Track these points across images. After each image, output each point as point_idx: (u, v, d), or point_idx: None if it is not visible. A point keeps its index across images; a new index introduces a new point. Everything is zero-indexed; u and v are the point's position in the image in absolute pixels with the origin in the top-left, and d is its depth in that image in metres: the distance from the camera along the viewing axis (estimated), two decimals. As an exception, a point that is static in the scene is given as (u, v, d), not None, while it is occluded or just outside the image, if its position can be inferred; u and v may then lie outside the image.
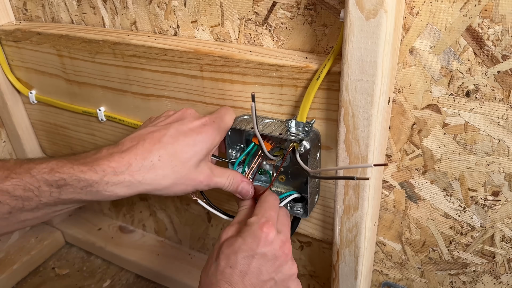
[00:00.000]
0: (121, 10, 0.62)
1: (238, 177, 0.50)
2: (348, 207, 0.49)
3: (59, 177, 0.40)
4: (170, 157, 0.43)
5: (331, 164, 0.52)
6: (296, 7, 0.48)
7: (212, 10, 0.54)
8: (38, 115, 0.78)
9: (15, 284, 0.84)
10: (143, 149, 0.43)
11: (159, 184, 0.43)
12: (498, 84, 0.42)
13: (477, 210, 0.49)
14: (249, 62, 0.50)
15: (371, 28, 0.38)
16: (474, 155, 0.46)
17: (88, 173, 0.40)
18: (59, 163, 0.40)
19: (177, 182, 0.44)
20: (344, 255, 0.53)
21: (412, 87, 0.46)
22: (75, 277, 0.85)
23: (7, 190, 0.39)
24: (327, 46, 0.49)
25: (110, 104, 0.67)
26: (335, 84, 0.45)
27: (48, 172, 0.40)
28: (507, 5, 0.38)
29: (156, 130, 0.45)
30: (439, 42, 0.42)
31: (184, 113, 0.49)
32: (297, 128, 0.48)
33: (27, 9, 0.72)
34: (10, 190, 0.39)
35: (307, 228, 0.59)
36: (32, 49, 0.69)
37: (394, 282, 0.61)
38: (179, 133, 0.45)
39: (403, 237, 0.56)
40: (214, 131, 0.47)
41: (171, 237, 0.86)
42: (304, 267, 0.70)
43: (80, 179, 0.40)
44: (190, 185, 0.45)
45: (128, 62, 0.60)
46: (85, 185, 0.40)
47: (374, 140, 0.44)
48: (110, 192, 0.41)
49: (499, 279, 0.52)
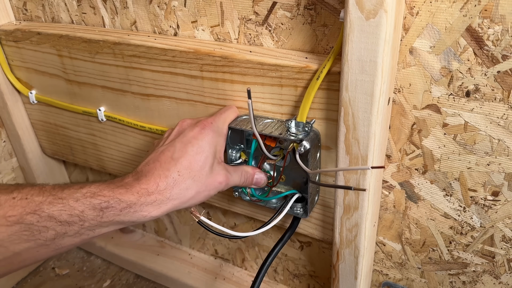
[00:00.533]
0: (121, 10, 0.62)
1: (250, 170, 0.52)
2: (348, 207, 0.49)
3: (101, 200, 0.42)
4: (187, 169, 0.45)
5: (331, 164, 0.52)
6: (296, 7, 0.48)
7: (212, 10, 0.54)
8: (38, 115, 0.78)
9: (15, 284, 0.84)
10: (162, 169, 0.45)
11: (184, 196, 0.45)
12: (498, 84, 0.42)
13: (477, 210, 0.49)
14: (249, 62, 0.50)
15: (371, 28, 0.38)
16: (474, 155, 0.46)
17: (126, 195, 0.42)
18: (98, 187, 0.43)
19: (199, 190, 0.46)
20: (344, 255, 0.53)
21: (412, 87, 0.46)
22: (75, 277, 0.85)
23: (54, 215, 0.40)
24: (327, 46, 0.49)
25: (110, 104, 0.67)
26: (335, 84, 0.45)
27: (91, 196, 0.41)
28: (507, 5, 0.38)
29: (165, 149, 0.47)
30: (439, 42, 0.42)
31: (181, 126, 0.51)
32: (297, 128, 0.48)
33: (27, 9, 0.72)
34: (56, 215, 0.40)
35: (307, 228, 0.59)
36: (32, 49, 0.69)
37: (394, 282, 0.61)
38: (185, 145, 0.47)
39: (403, 237, 0.56)
40: (214, 132, 0.49)
41: (171, 237, 0.86)
42: (304, 267, 0.70)
43: (121, 201, 0.42)
44: (212, 189, 0.47)
45: (128, 62, 0.60)
46: (124, 207, 0.42)
47: (374, 140, 0.44)
48: (146, 212, 0.43)
49: (499, 279, 0.52)
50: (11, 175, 0.85)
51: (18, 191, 0.40)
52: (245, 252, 0.76)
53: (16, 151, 0.84)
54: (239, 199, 0.62)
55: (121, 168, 0.73)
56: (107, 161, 0.75)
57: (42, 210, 0.40)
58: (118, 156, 0.72)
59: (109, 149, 0.73)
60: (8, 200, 0.39)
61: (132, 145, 0.69)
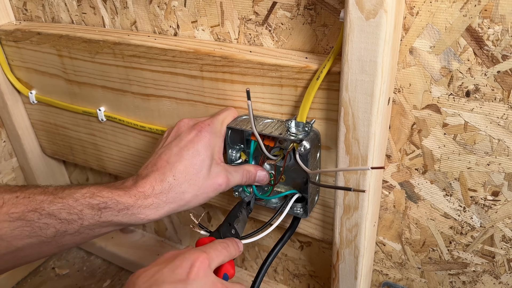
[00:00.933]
0: (121, 10, 0.62)
1: (252, 169, 0.52)
2: (348, 207, 0.49)
3: (100, 200, 0.43)
4: (182, 173, 0.46)
5: (331, 164, 0.52)
6: (296, 7, 0.48)
7: (212, 10, 0.54)
8: (38, 115, 0.78)
9: (15, 284, 0.84)
10: (158, 173, 0.46)
11: (181, 200, 0.46)
12: (498, 84, 0.42)
13: (477, 210, 0.49)
14: (249, 62, 0.50)
15: (371, 28, 0.38)
16: (474, 155, 0.46)
17: (124, 197, 0.44)
18: (98, 188, 0.44)
19: (197, 193, 0.47)
20: (344, 255, 0.53)
21: (412, 87, 0.46)
22: (75, 277, 0.85)
23: (53, 213, 0.42)
24: (327, 46, 0.49)
25: (110, 104, 0.67)
26: (335, 84, 0.45)
27: (90, 196, 0.43)
28: (507, 5, 0.38)
29: (162, 152, 0.48)
30: (439, 42, 0.42)
31: (179, 127, 0.51)
32: (297, 128, 0.48)
33: (27, 9, 0.72)
34: (56, 213, 0.42)
35: (307, 228, 0.59)
36: (32, 49, 0.69)
37: (394, 282, 0.61)
38: (180, 149, 0.47)
39: (403, 237, 0.56)
40: (211, 134, 0.49)
41: (171, 237, 0.86)
42: (304, 267, 0.70)
43: (118, 202, 0.43)
44: (210, 192, 0.48)
45: (128, 62, 0.60)
46: (122, 208, 0.43)
47: (374, 140, 0.44)
48: (143, 215, 0.44)
49: (499, 279, 0.52)
50: (11, 175, 0.85)
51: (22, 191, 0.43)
52: (245, 252, 0.76)
53: (16, 151, 0.84)
54: (239, 199, 0.62)
55: (121, 168, 0.73)
56: (107, 161, 0.75)
57: (43, 208, 0.42)
58: (118, 156, 0.72)
59: (109, 149, 0.73)
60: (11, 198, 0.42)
61: (132, 145, 0.69)
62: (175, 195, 0.46)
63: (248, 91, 0.43)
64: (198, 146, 0.48)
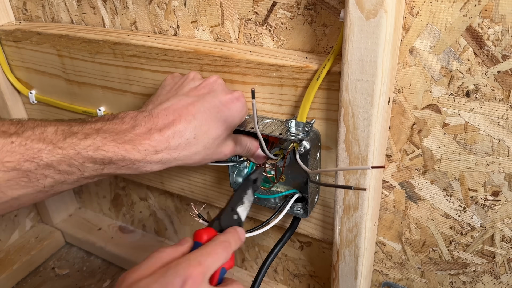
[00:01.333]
0: (121, 10, 0.62)
1: (254, 144, 0.51)
2: (348, 207, 0.49)
3: (104, 155, 0.40)
4: (203, 134, 0.44)
5: (331, 164, 0.52)
6: (296, 7, 0.48)
7: (212, 10, 0.54)
8: (38, 115, 0.78)
9: (15, 284, 0.84)
10: (180, 126, 0.42)
11: (190, 160, 0.44)
12: (498, 84, 0.42)
13: (477, 210, 0.49)
14: (249, 62, 0.50)
15: (371, 28, 0.38)
16: (474, 155, 0.46)
17: (132, 153, 0.41)
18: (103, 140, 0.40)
19: (205, 157, 0.45)
20: (344, 255, 0.53)
21: (412, 87, 0.46)
22: (75, 277, 0.85)
23: (52, 165, 0.39)
24: (327, 46, 0.49)
25: (110, 104, 0.67)
26: (335, 84, 0.45)
27: (94, 150, 0.40)
28: (507, 5, 0.38)
29: (190, 103, 0.44)
30: (439, 42, 0.42)
31: (214, 83, 0.48)
32: (297, 128, 0.48)
33: (27, 9, 0.72)
34: (55, 164, 0.39)
35: (307, 228, 0.59)
36: (32, 49, 0.69)
37: (394, 282, 0.61)
38: (212, 108, 0.45)
39: (403, 237, 0.56)
40: (244, 107, 0.48)
41: (171, 237, 0.86)
42: (304, 267, 0.70)
43: (125, 158, 0.40)
44: (215, 158, 0.47)
45: (128, 62, 0.60)
46: (128, 163, 0.41)
47: (374, 140, 0.44)
48: (149, 168, 0.42)
49: (499, 279, 0.52)
50: (11, 175, 0.85)
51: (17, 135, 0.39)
52: (245, 252, 0.76)
53: (16, 151, 0.84)
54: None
55: (121, 168, 0.73)
56: (107, 161, 0.75)
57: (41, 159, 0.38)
58: (118, 156, 0.72)
59: (109, 149, 0.72)
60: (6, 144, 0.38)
61: (132, 145, 0.69)
62: (187, 154, 0.43)
63: (253, 90, 0.43)
64: (229, 112, 0.45)
